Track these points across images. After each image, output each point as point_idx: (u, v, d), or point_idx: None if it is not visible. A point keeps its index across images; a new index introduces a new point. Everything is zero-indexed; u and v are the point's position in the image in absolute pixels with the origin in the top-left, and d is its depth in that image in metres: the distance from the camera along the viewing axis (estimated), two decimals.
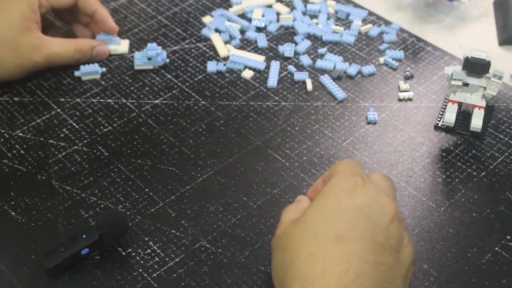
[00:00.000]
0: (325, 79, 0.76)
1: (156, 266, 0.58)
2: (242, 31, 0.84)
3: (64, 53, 0.75)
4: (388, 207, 0.50)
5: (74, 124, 0.72)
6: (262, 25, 0.85)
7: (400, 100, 0.74)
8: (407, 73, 0.77)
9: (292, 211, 0.54)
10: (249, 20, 0.86)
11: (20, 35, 0.72)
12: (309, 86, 0.76)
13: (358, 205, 0.50)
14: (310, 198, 0.56)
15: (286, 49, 0.80)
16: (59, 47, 0.75)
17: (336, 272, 0.46)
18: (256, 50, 0.81)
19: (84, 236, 0.57)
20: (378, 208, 0.50)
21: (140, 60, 0.79)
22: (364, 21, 0.85)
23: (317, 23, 0.85)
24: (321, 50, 0.80)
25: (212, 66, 0.79)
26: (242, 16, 0.87)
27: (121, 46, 0.81)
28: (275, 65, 0.78)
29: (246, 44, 0.82)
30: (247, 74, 0.78)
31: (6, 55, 0.72)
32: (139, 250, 0.59)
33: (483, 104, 0.67)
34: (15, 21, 0.72)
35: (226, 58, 0.80)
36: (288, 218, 0.53)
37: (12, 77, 0.75)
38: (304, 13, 0.87)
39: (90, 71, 0.77)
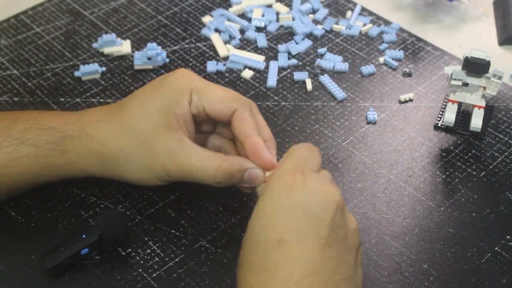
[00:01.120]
0: (325, 79, 0.76)
1: (156, 266, 0.58)
2: (242, 31, 0.84)
3: (203, 169, 0.56)
4: (331, 195, 0.49)
5: None
6: (262, 25, 0.85)
7: (401, 102, 0.74)
8: (405, 69, 0.77)
9: None
10: (249, 20, 0.86)
11: (157, 132, 0.56)
12: (309, 86, 0.76)
13: (298, 202, 0.48)
14: None
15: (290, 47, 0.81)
16: (198, 160, 0.56)
17: (278, 279, 0.45)
18: (256, 50, 0.81)
19: (84, 236, 0.57)
20: (320, 200, 0.48)
21: (140, 60, 0.79)
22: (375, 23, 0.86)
23: (315, 21, 0.85)
24: (321, 50, 0.80)
25: (212, 66, 0.79)
26: (242, 16, 0.87)
27: (124, 46, 0.81)
28: (274, 65, 0.78)
29: (246, 44, 0.82)
30: (247, 74, 0.78)
31: (136, 152, 0.57)
32: (139, 250, 0.59)
33: (483, 104, 0.68)
34: (154, 113, 0.56)
35: (226, 58, 0.80)
36: None
37: (141, 182, 0.59)
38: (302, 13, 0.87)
39: (90, 71, 0.77)
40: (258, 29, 0.85)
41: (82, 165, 0.59)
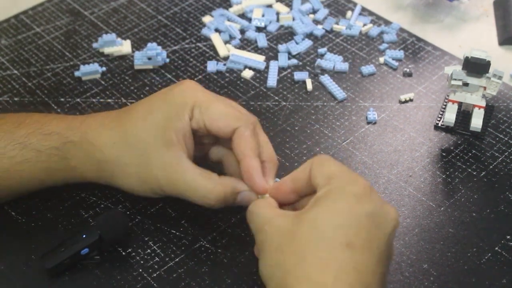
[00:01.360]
0: (325, 79, 0.76)
1: (156, 266, 0.58)
2: (242, 31, 0.84)
3: (195, 190, 0.56)
4: (392, 213, 0.49)
5: None
6: (262, 25, 0.85)
7: (401, 102, 0.74)
8: (405, 69, 0.77)
9: (267, 206, 0.53)
10: (249, 20, 0.86)
11: (155, 146, 0.56)
12: (309, 86, 0.76)
13: (368, 211, 0.48)
14: (273, 196, 0.55)
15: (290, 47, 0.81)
16: (191, 180, 0.55)
17: (346, 283, 0.45)
18: (256, 50, 0.81)
19: (84, 236, 0.57)
20: (384, 216, 0.49)
21: (140, 60, 0.79)
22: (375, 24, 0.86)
23: (315, 21, 0.85)
24: (321, 50, 0.80)
25: (212, 66, 0.79)
26: (242, 16, 0.87)
27: (124, 46, 0.81)
28: (274, 65, 0.78)
29: (246, 44, 0.82)
30: (247, 74, 0.78)
31: (132, 163, 0.57)
32: (139, 250, 0.59)
33: (483, 104, 0.67)
34: (154, 127, 0.56)
35: (226, 58, 0.80)
36: (271, 213, 0.52)
37: (135, 192, 0.59)
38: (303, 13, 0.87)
39: (90, 71, 0.77)
40: (258, 29, 0.85)
41: (81, 171, 0.60)
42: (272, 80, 0.77)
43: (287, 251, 0.48)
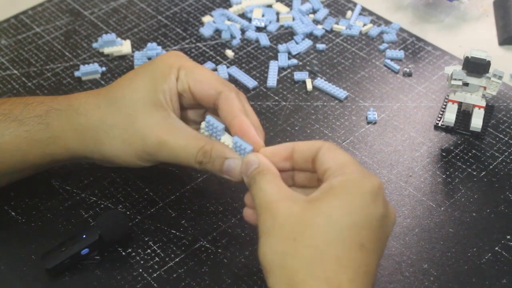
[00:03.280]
0: (321, 83, 0.76)
1: (156, 266, 0.58)
2: (242, 31, 0.84)
3: (185, 147, 0.55)
4: (394, 215, 0.50)
5: None
6: (262, 25, 0.85)
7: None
8: (405, 69, 0.77)
9: (275, 182, 0.50)
10: (249, 20, 0.86)
11: (143, 106, 0.55)
12: (309, 86, 0.76)
13: (380, 214, 0.47)
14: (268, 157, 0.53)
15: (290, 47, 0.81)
16: (179, 137, 0.55)
17: (359, 285, 0.45)
18: (257, 49, 0.81)
19: (84, 236, 0.57)
20: (388, 217, 0.49)
21: (140, 60, 0.79)
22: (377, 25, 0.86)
23: (315, 21, 0.85)
24: (320, 46, 0.80)
25: (211, 66, 0.79)
26: (242, 16, 0.87)
27: (124, 46, 0.81)
28: (274, 65, 0.78)
29: (246, 44, 0.82)
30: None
31: (118, 125, 0.56)
32: (139, 250, 0.59)
33: (483, 104, 0.68)
34: (142, 88, 0.56)
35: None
36: (280, 193, 0.49)
37: (116, 158, 0.57)
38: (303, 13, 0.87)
39: (90, 71, 0.77)
40: (258, 29, 0.85)
41: (65, 141, 0.58)
42: (272, 80, 0.76)
43: (301, 241, 0.46)
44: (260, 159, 0.53)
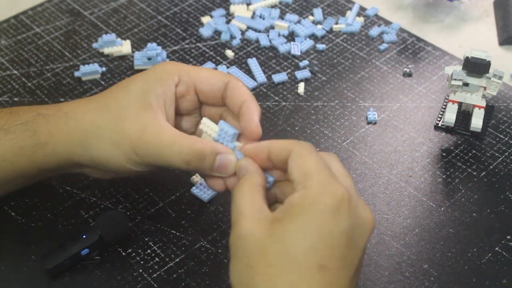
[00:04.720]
0: (252, 62, 0.77)
1: (156, 266, 0.58)
2: (242, 31, 0.84)
3: (173, 146, 0.53)
4: (369, 223, 0.47)
5: None
6: (298, 53, 0.84)
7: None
8: (406, 69, 0.77)
9: (249, 197, 0.49)
10: (249, 20, 0.86)
11: (132, 108, 0.54)
12: (301, 89, 0.75)
13: (344, 228, 0.45)
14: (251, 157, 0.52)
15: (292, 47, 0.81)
16: (169, 136, 0.53)
17: None
18: (257, 49, 0.81)
19: (84, 236, 0.57)
20: (360, 227, 0.47)
21: (140, 60, 0.79)
22: (365, 19, 0.86)
23: (314, 22, 0.85)
24: (320, 46, 0.80)
25: (211, 66, 0.79)
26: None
27: (124, 47, 0.81)
28: (253, 62, 0.78)
29: (246, 44, 0.82)
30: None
31: (107, 126, 0.55)
32: (139, 250, 0.59)
33: (483, 104, 0.68)
34: (134, 92, 0.55)
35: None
36: (251, 210, 0.47)
37: (105, 160, 0.56)
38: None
39: (90, 71, 0.77)
40: (258, 29, 0.85)
41: (53, 146, 0.56)
42: (259, 76, 0.77)
43: (258, 268, 0.45)
44: (248, 166, 0.52)
